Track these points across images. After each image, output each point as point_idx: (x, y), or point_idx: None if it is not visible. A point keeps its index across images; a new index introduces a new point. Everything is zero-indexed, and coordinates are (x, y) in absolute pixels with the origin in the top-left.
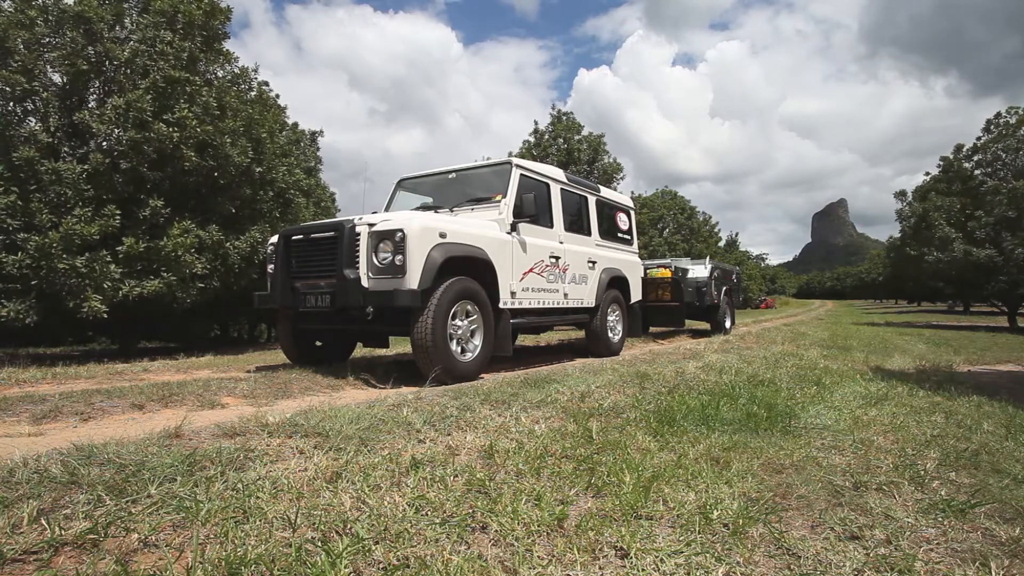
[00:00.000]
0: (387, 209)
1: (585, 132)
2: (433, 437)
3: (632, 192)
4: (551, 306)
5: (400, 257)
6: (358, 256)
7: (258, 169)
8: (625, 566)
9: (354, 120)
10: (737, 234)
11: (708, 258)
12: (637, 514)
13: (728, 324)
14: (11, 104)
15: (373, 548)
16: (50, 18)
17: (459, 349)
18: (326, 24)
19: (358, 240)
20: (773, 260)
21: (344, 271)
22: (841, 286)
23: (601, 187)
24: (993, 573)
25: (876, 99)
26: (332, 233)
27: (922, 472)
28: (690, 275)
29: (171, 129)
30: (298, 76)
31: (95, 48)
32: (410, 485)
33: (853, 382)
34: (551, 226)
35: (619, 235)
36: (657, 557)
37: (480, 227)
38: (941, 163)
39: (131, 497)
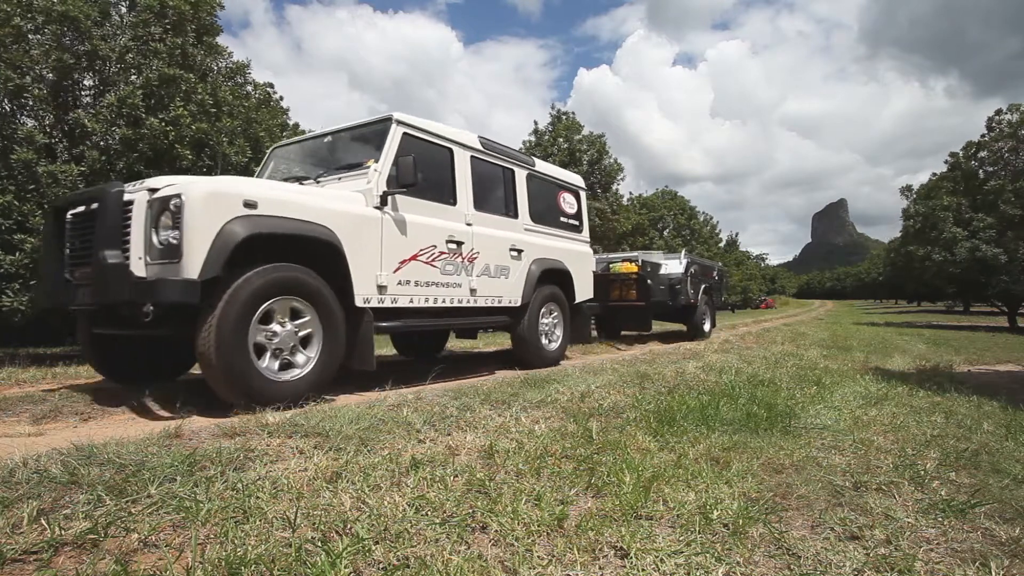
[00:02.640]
0: None
1: (585, 132)
2: (433, 437)
3: (632, 192)
4: (448, 304)
5: (176, 234)
6: (127, 234)
7: (256, 169)
8: (625, 566)
9: (354, 119)
10: (737, 234)
11: (684, 252)
12: (637, 514)
13: (708, 327)
14: (4, 100)
15: (373, 548)
16: (32, 15)
17: (276, 364)
18: (326, 24)
19: (128, 212)
20: (773, 260)
21: (101, 254)
22: (841, 286)
23: (538, 160)
24: (993, 573)
25: (876, 99)
26: (95, 204)
27: (922, 472)
28: (662, 271)
29: (165, 126)
30: (299, 76)
31: (84, 46)
32: (410, 485)
33: (853, 382)
34: (452, 202)
35: (562, 220)
36: (657, 557)
37: (328, 198)
38: (950, 159)
39: (131, 497)
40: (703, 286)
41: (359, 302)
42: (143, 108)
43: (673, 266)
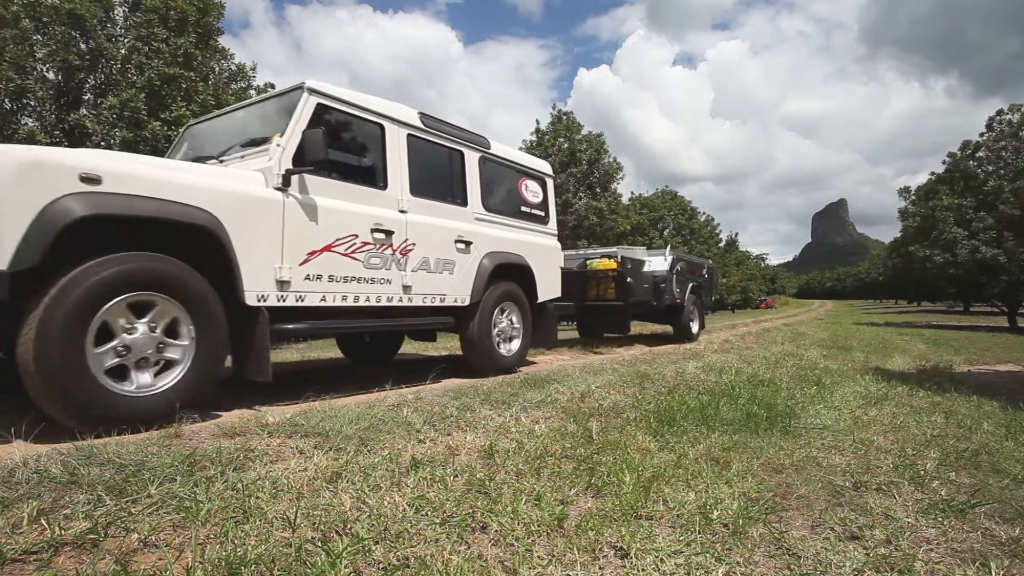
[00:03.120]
0: None
1: (585, 132)
2: (433, 437)
3: (633, 192)
4: (375, 303)
5: None
6: None
7: None
8: (625, 566)
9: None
10: (737, 234)
11: (669, 248)
12: (637, 514)
13: (695, 329)
14: (6, 101)
15: (373, 548)
16: (37, 14)
17: (134, 374)
18: (326, 24)
19: None
20: (773, 260)
21: None
22: (841, 286)
23: (494, 142)
24: (993, 573)
25: (876, 99)
26: None
27: (922, 472)
28: (646, 268)
29: (167, 128)
30: (299, 76)
31: (87, 45)
32: (410, 485)
33: (853, 382)
34: (382, 186)
35: (523, 209)
36: (657, 557)
37: (211, 176)
38: (948, 159)
39: (131, 497)
40: (691, 285)
41: (251, 300)
42: (144, 111)
43: (658, 263)
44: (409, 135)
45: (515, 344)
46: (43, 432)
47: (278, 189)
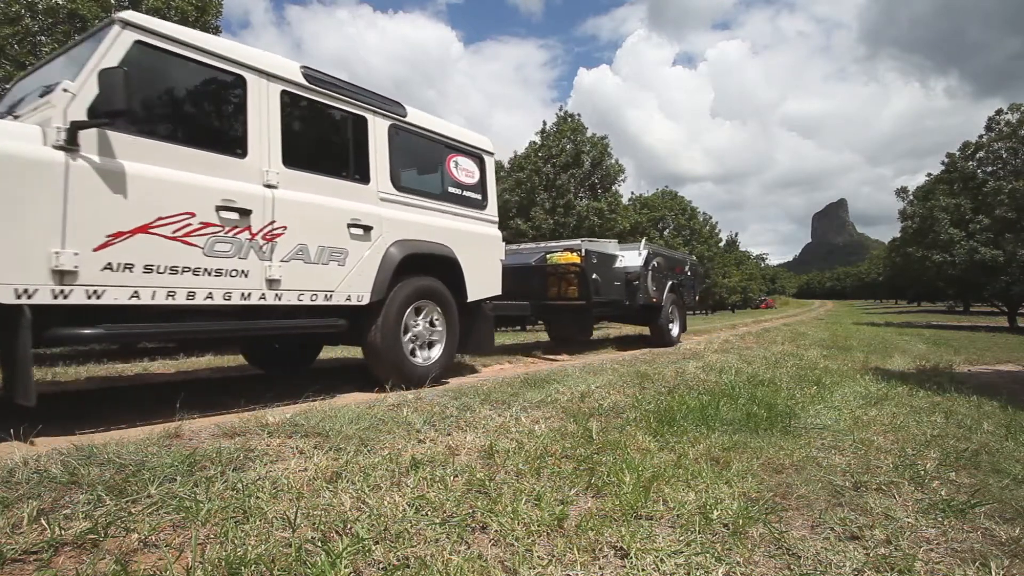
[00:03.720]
0: None
1: (588, 133)
2: (433, 437)
3: (633, 192)
4: (225, 302)
5: None
6: None
7: None
8: (625, 566)
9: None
10: (737, 234)
11: (644, 241)
12: (637, 514)
13: (676, 331)
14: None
15: (373, 548)
16: (39, 15)
17: None
18: (326, 24)
19: None
20: (773, 260)
21: None
22: (841, 286)
23: (412, 109)
24: (993, 573)
25: (877, 99)
26: None
27: (922, 472)
28: (617, 264)
29: None
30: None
31: None
32: (410, 485)
33: (853, 382)
34: (239, 153)
35: (451, 191)
36: (657, 557)
37: None
38: (946, 160)
39: (131, 497)
40: (670, 283)
41: (5, 296)
42: None
43: (631, 258)
44: (285, 93)
45: (436, 351)
46: (43, 432)
47: (62, 148)
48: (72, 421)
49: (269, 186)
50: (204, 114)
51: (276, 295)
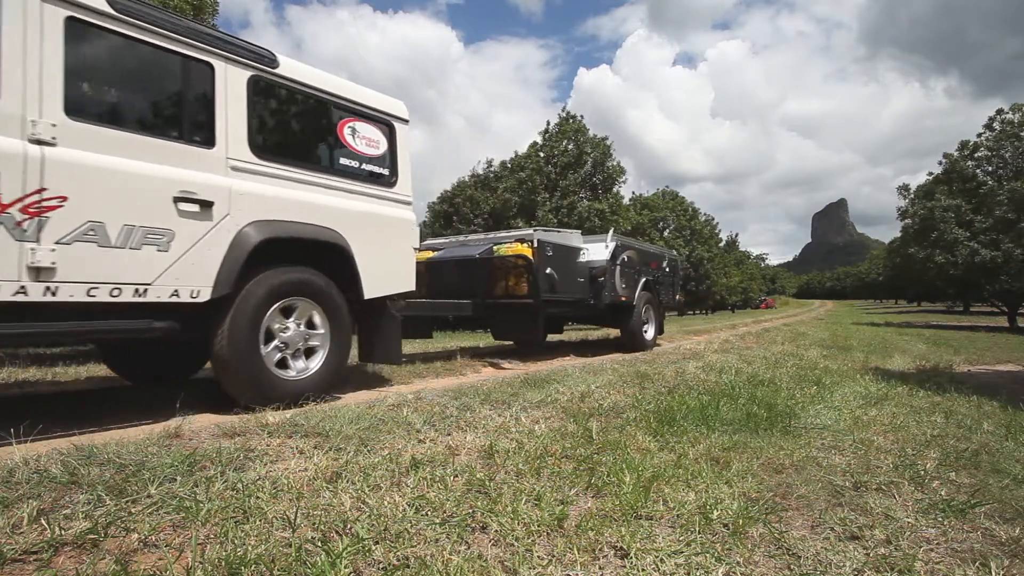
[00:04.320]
0: None
1: (590, 134)
2: (433, 437)
3: (634, 192)
4: None
5: None
6: None
7: None
8: (625, 566)
9: None
10: (737, 234)
11: (611, 233)
12: (637, 514)
13: (650, 334)
14: None
15: (373, 548)
16: None
17: None
18: (326, 24)
19: None
20: (773, 260)
21: None
22: (841, 286)
23: (286, 60)
24: (993, 573)
25: (877, 99)
26: None
27: (922, 472)
28: (581, 258)
29: None
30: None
31: None
32: (410, 485)
33: (853, 382)
34: None
35: (343, 163)
36: (657, 557)
37: None
38: (944, 160)
39: (131, 497)
40: (643, 280)
41: None
42: None
43: (596, 251)
44: (71, 20)
45: (315, 361)
46: (43, 432)
47: None
48: (72, 421)
49: (37, 142)
50: None
51: (47, 288)
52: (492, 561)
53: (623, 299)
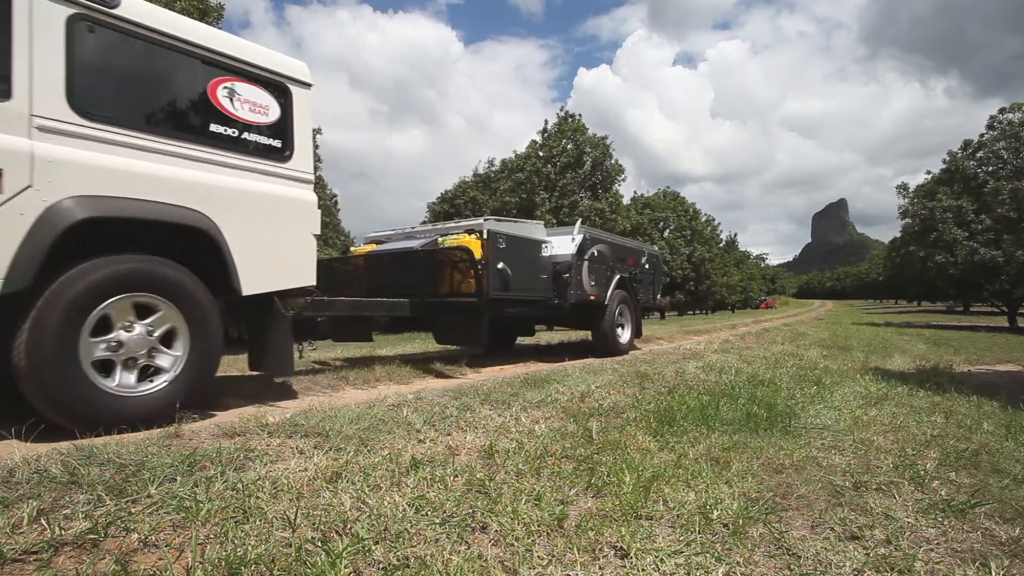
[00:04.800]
0: None
1: (589, 134)
2: (433, 437)
3: (636, 191)
4: None
5: None
6: None
7: None
8: (625, 566)
9: (355, 120)
10: (736, 234)
11: (579, 224)
12: (637, 514)
13: (625, 337)
14: None
15: (373, 548)
16: None
17: None
18: (327, 24)
19: None
20: (773, 260)
21: None
22: (841, 286)
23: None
24: (993, 573)
25: (877, 99)
26: None
27: (922, 472)
28: (544, 252)
29: None
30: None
31: None
32: (410, 485)
33: (853, 382)
34: None
35: (213, 129)
36: (657, 557)
37: None
38: (947, 159)
39: (131, 497)
40: (617, 277)
41: None
42: None
43: (561, 245)
44: None
45: (167, 375)
46: (43, 432)
47: None
48: None
49: None
50: None
51: None
52: (492, 561)
53: (592, 298)
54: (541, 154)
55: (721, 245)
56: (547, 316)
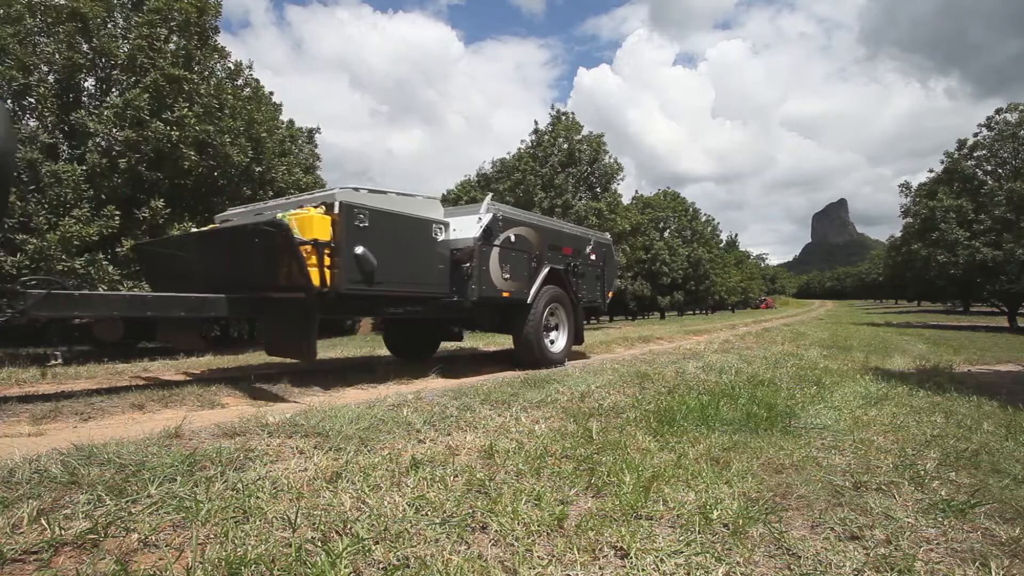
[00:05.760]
0: None
1: (585, 132)
2: (433, 437)
3: (636, 191)
4: None
5: None
6: None
7: (258, 169)
8: (625, 566)
9: (356, 120)
10: (736, 234)
11: (488, 199)
12: (637, 514)
13: (559, 345)
14: (8, 101)
15: (373, 548)
16: (40, 17)
17: None
18: (327, 24)
19: None
20: (773, 260)
21: None
22: (841, 286)
23: None
24: (993, 573)
25: (877, 99)
26: None
27: (922, 472)
28: (438, 236)
29: (169, 128)
30: (299, 76)
31: (91, 44)
32: (410, 485)
33: (853, 382)
34: None
35: None
36: (657, 557)
37: None
38: (945, 158)
39: (131, 497)
40: (547, 269)
41: None
42: (147, 111)
43: (465, 227)
44: None
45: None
46: (43, 432)
47: None
48: (72, 420)
49: None
50: None
51: None
52: (492, 561)
53: (506, 295)
54: (539, 154)
55: (721, 245)
56: (449, 317)
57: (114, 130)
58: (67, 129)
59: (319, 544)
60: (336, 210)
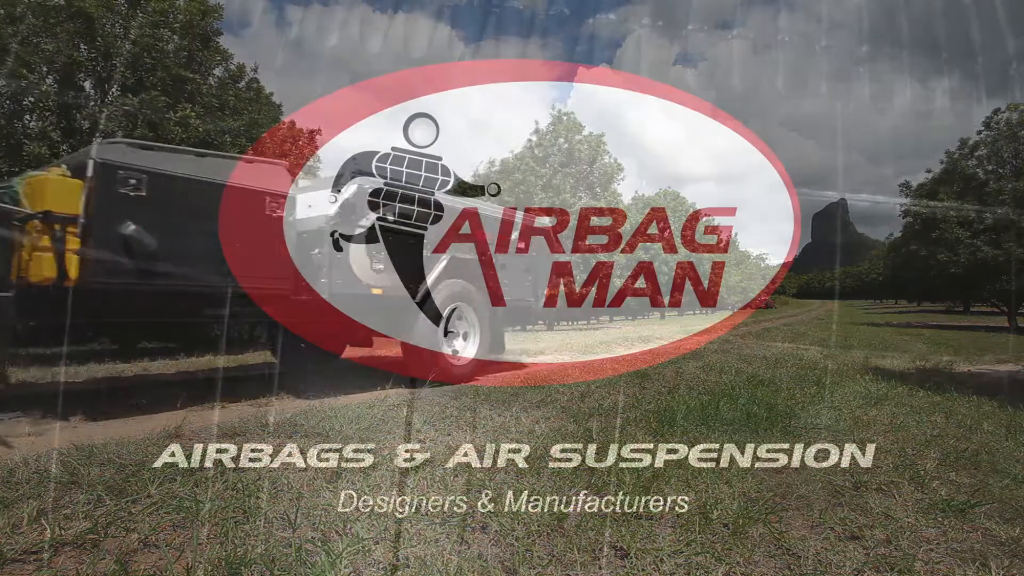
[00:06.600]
0: None
1: (585, 132)
2: (433, 437)
3: (637, 191)
4: None
5: None
6: None
7: None
8: (625, 566)
9: (357, 120)
10: (736, 235)
11: (348, 170)
12: (637, 514)
13: (467, 351)
14: (8, 101)
15: (373, 548)
16: (43, 12)
17: None
18: (326, 25)
19: None
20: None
21: None
22: (841, 286)
23: None
24: (993, 573)
25: (877, 99)
26: None
27: (922, 472)
28: (275, 212)
29: (177, 128)
30: (299, 76)
31: (94, 43)
32: (410, 485)
33: (853, 382)
34: None
35: None
36: (657, 557)
37: None
38: (945, 158)
39: (131, 497)
40: (448, 258)
41: None
42: (165, 109)
43: (318, 204)
44: None
45: None
46: (42, 432)
47: None
48: (72, 420)
49: None
50: None
51: None
52: (492, 561)
53: (378, 292)
54: (539, 155)
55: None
56: (299, 320)
57: (118, 131)
58: (67, 128)
59: (319, 544)
60: (90, 171)
